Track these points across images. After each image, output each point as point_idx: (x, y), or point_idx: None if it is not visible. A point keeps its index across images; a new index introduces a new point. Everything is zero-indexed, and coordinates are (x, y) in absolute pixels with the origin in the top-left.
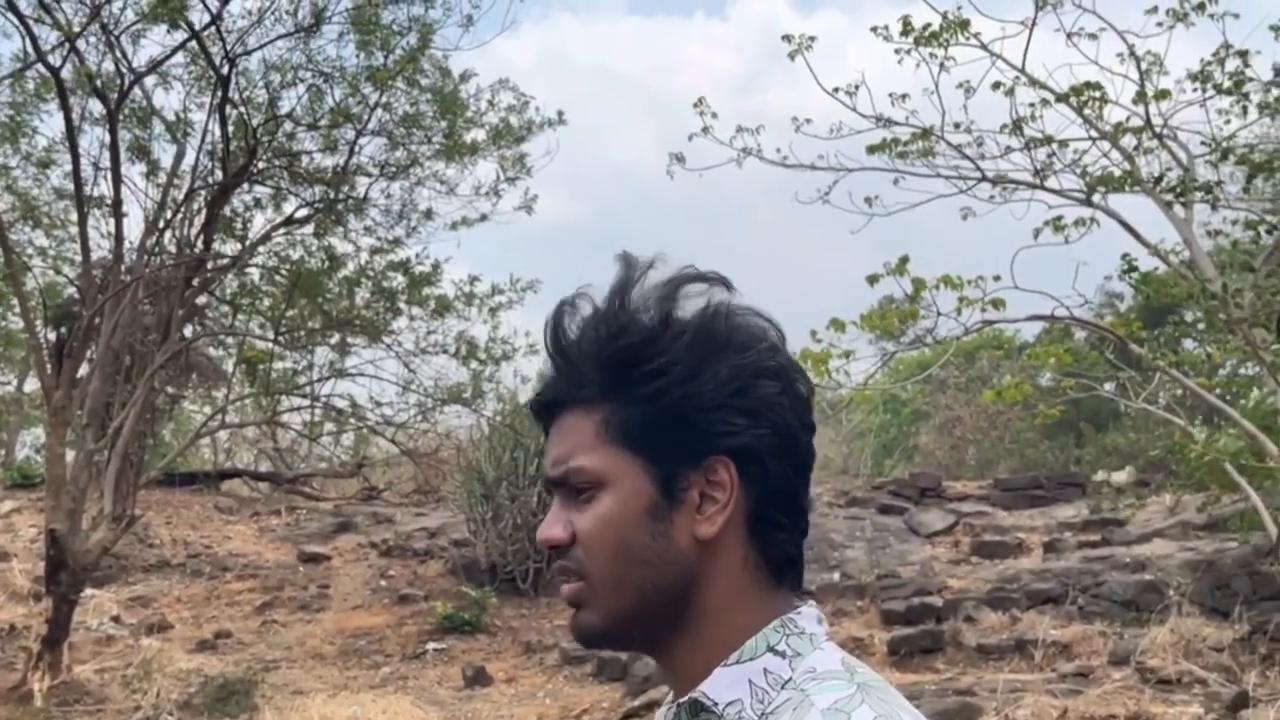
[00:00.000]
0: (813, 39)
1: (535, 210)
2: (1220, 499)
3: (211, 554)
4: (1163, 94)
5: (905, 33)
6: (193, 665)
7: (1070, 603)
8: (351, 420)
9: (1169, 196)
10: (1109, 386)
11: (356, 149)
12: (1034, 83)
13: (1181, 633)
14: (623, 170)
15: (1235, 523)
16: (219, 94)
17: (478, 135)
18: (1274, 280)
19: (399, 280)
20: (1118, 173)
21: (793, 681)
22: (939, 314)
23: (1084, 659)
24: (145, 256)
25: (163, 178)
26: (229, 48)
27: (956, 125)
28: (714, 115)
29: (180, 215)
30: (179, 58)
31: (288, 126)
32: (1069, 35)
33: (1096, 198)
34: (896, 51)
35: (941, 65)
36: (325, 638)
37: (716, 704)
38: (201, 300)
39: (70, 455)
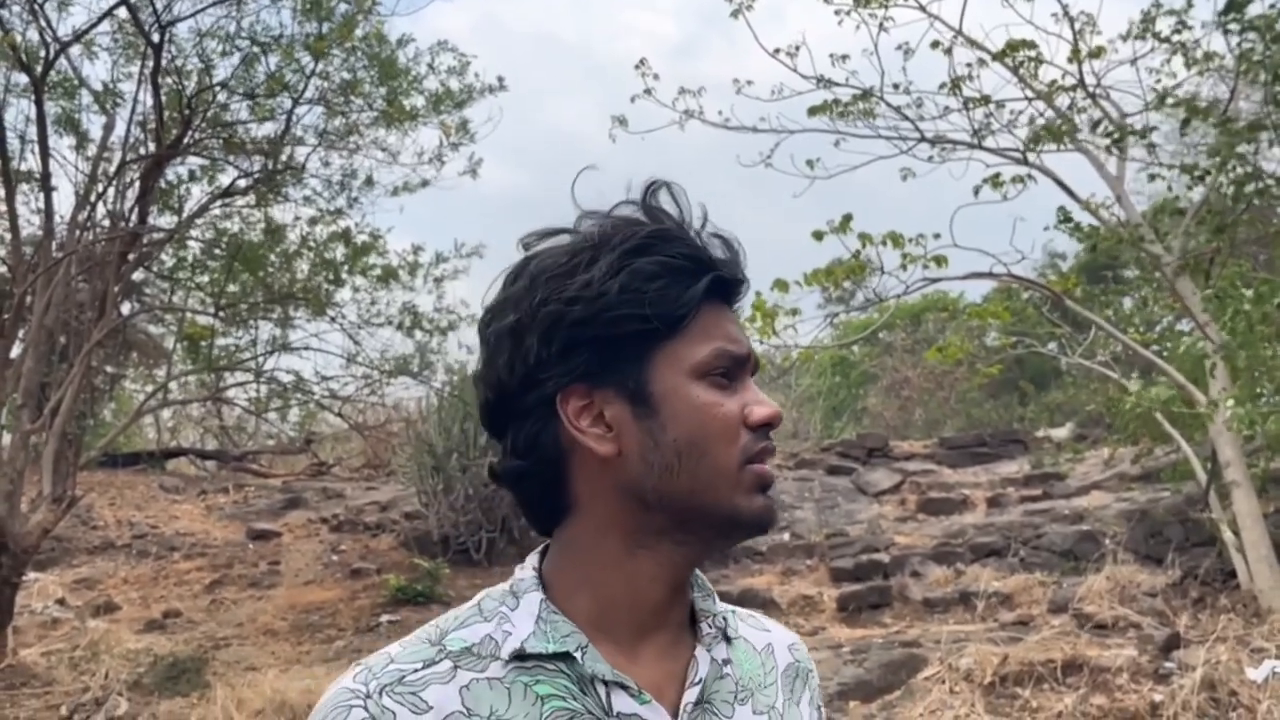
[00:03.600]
0: None
1: (479, 176)
2: (1153, 451)
3: (158, 534)
4: (1097, 51)
5: None
6: (141, 645)
7: (1012, 555)
8: (298, 395)
9: (1106, 142)
10: (1052, 345)
11: (294, 118)
12: (971, 43)
13: (1117, 579)
14: (566, 136)
15: (1168, 473)
16: (151, 63)
17: (418, 101)
18: (1204, 227)
19: (340, 251)
20: (1056, 123)
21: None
22: (883, 271)
23: (1024, 608)
24: (77, 231)
25: (93, 150)
26: (160, 14)
27: (895, 86)
28: (655, 77)
29: (112, 188)
30: (105, 26)
31: (222, 96)
32: None
33: (1032, 156)
34: (837, 12)
35: (881, 26)
36: (277, 614)
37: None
38: (138, 276)
39: (6, 437)
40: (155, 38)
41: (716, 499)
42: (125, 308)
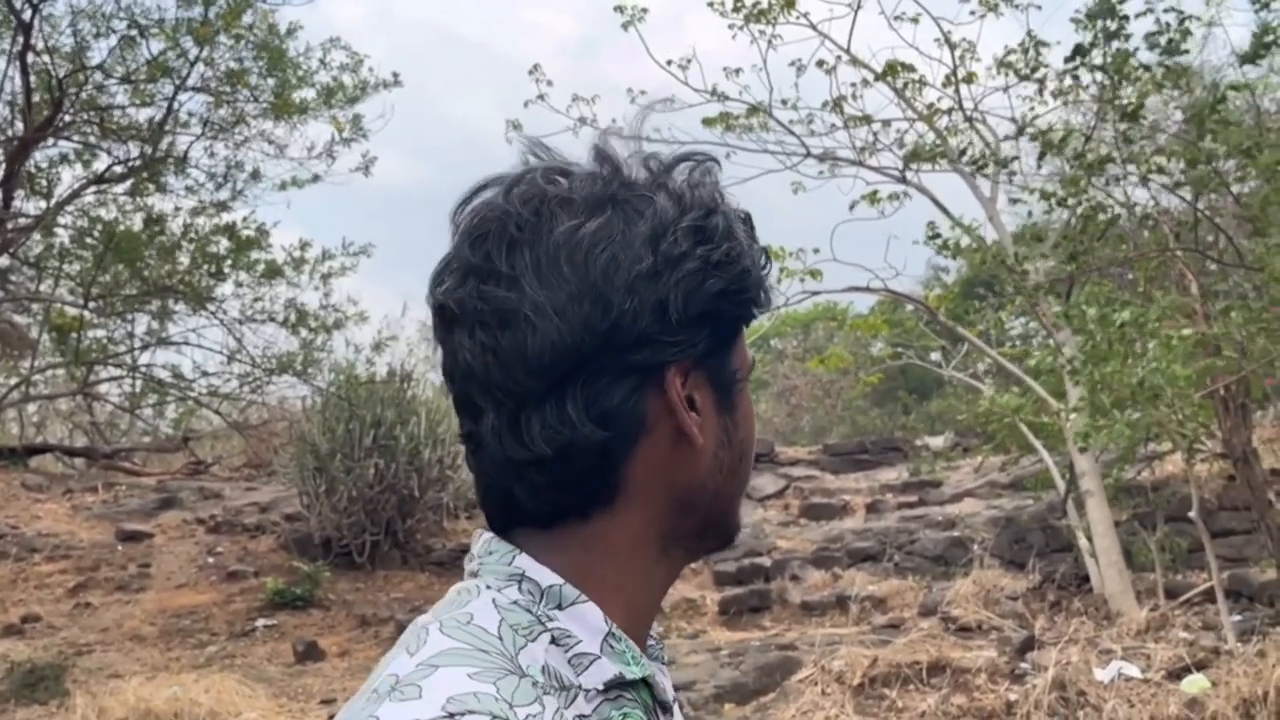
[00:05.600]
0: (645, 11)
1: (373, 174)
2: (1020, 460)
3: (18, 534)
4: (968, 77)
5: (736, 9)
6: None
7: (887, 560)
8: (175, 391)
9: (971, 169)
10: (935, 356)
11: (176, 105)
12: (856, 62)
13: (982, 584)
14: (464, 130)
15: (1031, 482)
16: (20, 40)
17: (308, 95)
18: (1060, 251)
19: (224, 245)
20: (930, 145)
21: None
22: None
23: (896, 611)
24: None
25: None
26: None
27: (784, 102)
28: (549, 84)
29: None
30: None
31: (98, 78)
32: (892, 19)
33: (911, 175)
34: (731, 27)
35: (769, 43)
36: (146, 618)
37: None
38: (3, 263)
39: None
40: (25, 15)
41: (738, 508)
42: None
